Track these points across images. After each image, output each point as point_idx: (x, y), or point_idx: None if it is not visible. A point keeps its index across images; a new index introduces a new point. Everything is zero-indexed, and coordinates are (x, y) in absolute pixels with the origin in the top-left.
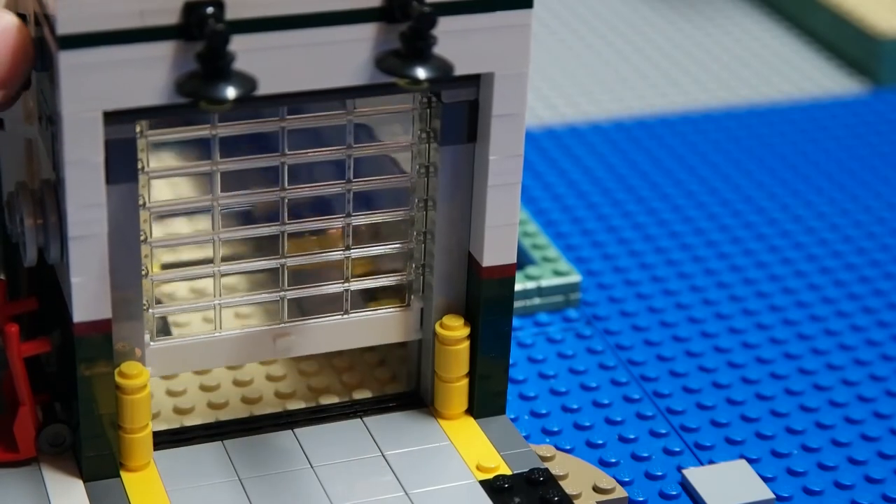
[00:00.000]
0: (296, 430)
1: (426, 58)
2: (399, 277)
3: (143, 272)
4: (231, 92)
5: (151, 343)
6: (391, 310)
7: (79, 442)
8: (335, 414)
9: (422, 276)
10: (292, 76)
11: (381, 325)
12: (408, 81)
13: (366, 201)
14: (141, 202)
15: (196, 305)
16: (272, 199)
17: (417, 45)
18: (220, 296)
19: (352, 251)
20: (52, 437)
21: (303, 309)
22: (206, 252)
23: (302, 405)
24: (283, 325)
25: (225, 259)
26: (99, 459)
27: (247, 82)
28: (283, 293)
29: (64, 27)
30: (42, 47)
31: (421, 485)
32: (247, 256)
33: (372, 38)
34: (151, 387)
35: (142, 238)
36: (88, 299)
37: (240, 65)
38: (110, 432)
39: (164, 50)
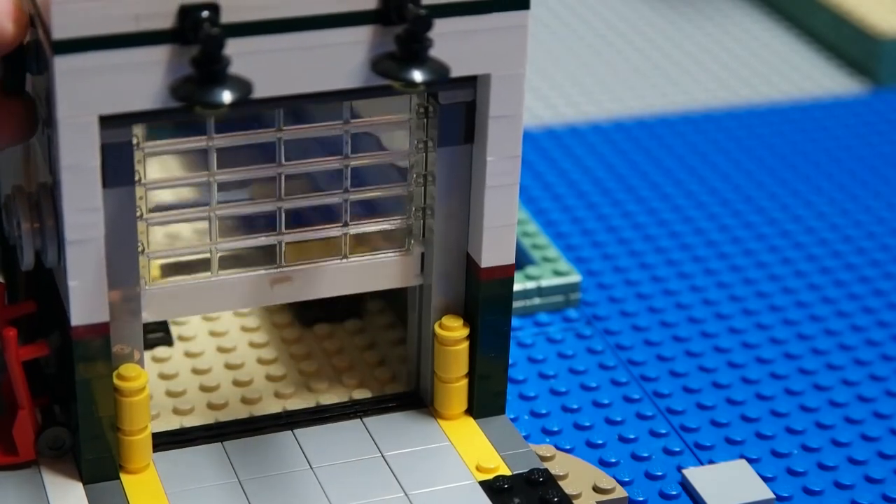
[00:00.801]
0: (296, 431)
1: (422, 60)
2: (398, 222)
3: (138, 213)
4: (226, 96)
5: (147, 287)
6: (391, 254)
7: (78, 444)
8: (335, 414)
9: (422, 220)
10: (288, 79)
11: (380, 270)
12: (403, 84)
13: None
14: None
15: (192, 250)
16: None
17: (413, 47)
18: (217, 239)
19: (350, 193)
20: (52, 439)
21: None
22: (202, 197)
23: (302, 405)
24: (281, 269)
25: (221, 209)
26: (98, 462)
27: (242, 86)
28: (280, 237)
29: (59, 32)
30: (37, 51)
31: (421, 485)
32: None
33: (367, 41)
34: (150, 388)
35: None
36: (86, 303)
37: (235, 68)
38: (109, 435)
39: (159, 54)
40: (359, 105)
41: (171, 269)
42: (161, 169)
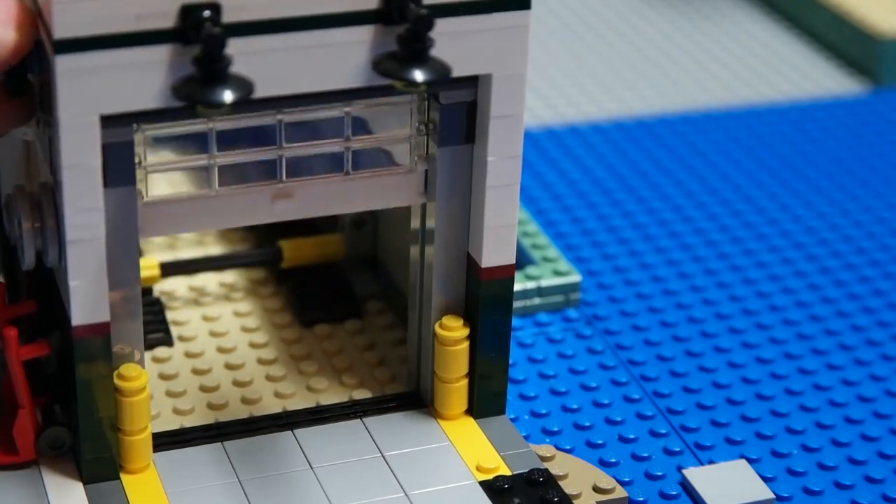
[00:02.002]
0: (295, 431)
1: (423, 60)
2: (402, 140)
3: (134, 128)
4: (228, 96)
5: (144, 200)
6: (394, 171)
7: (78, 444)
8: (335, 414)
9: (425, 136)
10: (289, 79)
11: (383, 188)
12: (405, 84)
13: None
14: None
15: (190, 164)
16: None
17: (415, 47)
18: (215, 153)
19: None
20: (52, 439)
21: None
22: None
23: (302, 406)
24: (281, 184)
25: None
26: (98, 462)
27: (244, 86)
28: (281, 151)
29: (60, 31)
30: (39, 50)
31: (421, 485)
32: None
33: (369, 41)
34: (151, 388)
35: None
36: (87, 303)
37: (237, 68)
38: (110, 434)
39: (160, 54)
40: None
41: (168, 183)
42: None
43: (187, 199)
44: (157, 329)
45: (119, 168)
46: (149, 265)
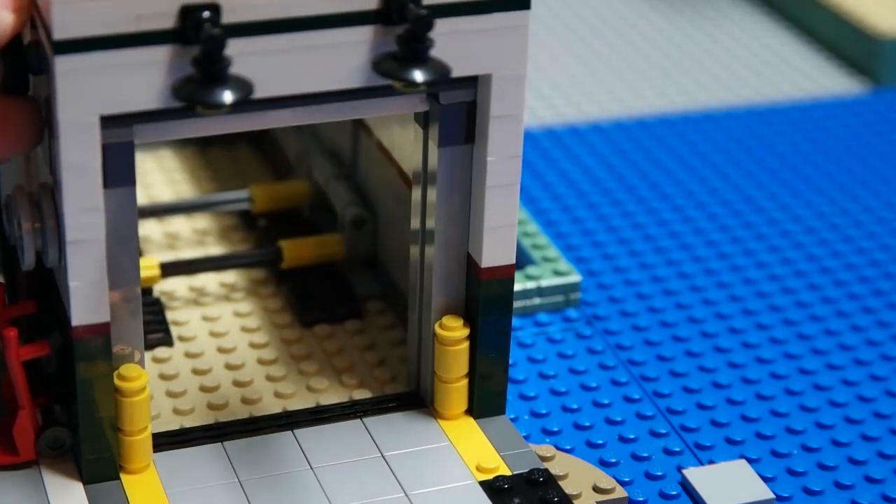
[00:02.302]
0: (296, 431)
1: (423, 60)
2: None
3: None
4: (228, 96)
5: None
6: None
7: (78, 444)
8: (335, 415)
9: None
10: (289, 79)
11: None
12: (405, 84)
13: None
14: None
15: None
16: None
17: (414, 47)
18: None
19: None
20: (52, 439)
21: None
22: None
23: (302, 406)
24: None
25: None
26: (99, 462)
27: (243, 86)
28: None
29: (60, 32)
30: (38, 51)
31: (421, 485)
32: None
33: (368, 41)
34: (151, 388)
35: None
36: (87, 303)
37: (236, 68)
38: (110, 435)
39: (160, 54)
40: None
41: None
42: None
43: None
44: (157, 329)
45: (119, 168)
46: (149, 265)
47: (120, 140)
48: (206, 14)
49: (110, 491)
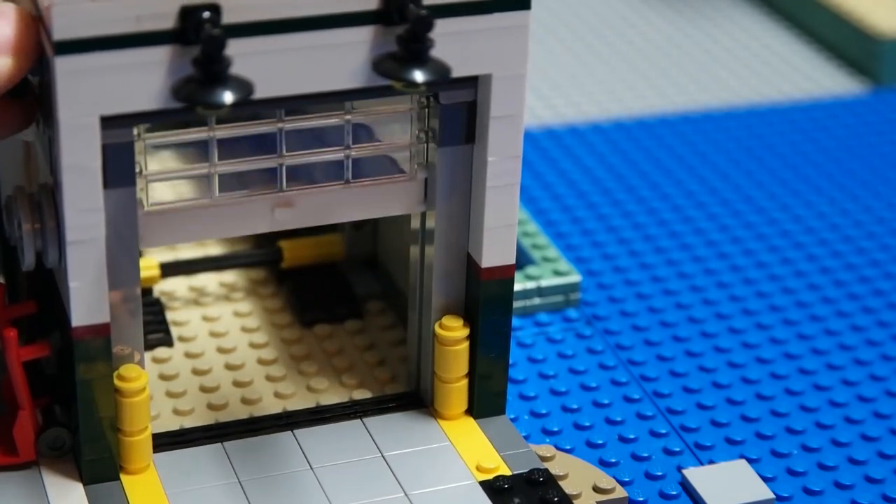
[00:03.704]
0: (296, 431)
1: (423, 61)
2: (402, 147)
3: (136, 136)
4: (228, 97)
5: (145, 209)
6: (394, 179)
7: (78, 445)
8: (335, 415)
9: (425, 144)
10: (289, 79)
11: (383, 196)
12: (405, 85)
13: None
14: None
15: (190, 172)
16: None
17: (415, 47)
18: (216, 161)
19: (353, 114)
20: (52, 440)
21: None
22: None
23: (302, 406)
24: (282, 193)
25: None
26: (99, 462)
27: (243, 86)
28: (281, 160)
29: (60, 33)
30: (39, 52)
31: (421, 485)
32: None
33: (369, 41)
34: (151, 389)
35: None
36: (87, 303)
37: (236, 69)
38: (110, 435)
39: (160, 55)
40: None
41: (169, 191)
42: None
43: (188, 207)
44: (157, 329)
45: (119, 169)
46: (149, 265)
47: (120, 140)
48: (207, 14)
49: (110, 491)
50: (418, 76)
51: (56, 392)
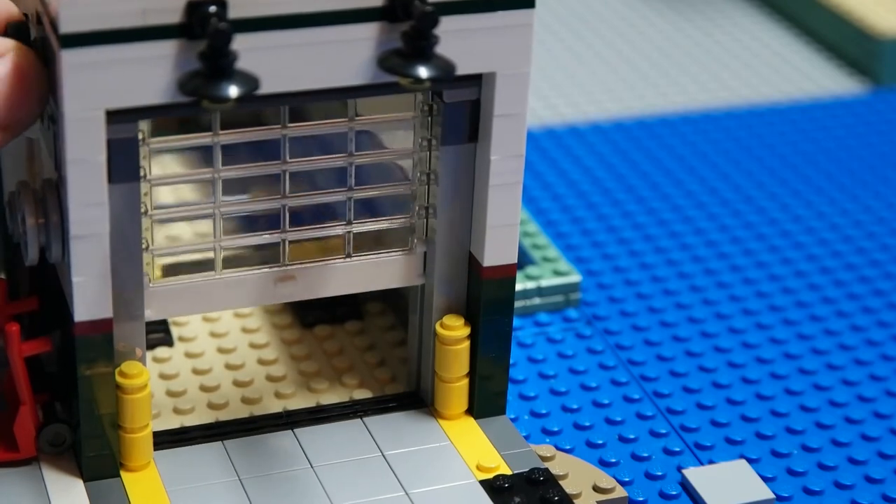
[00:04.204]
0: (296, 431)
1: (428, 57)
2: (402, 221)
3: (143, 209)
4: (233, 91)
5: (150, 285)
6: (394, 253)
7: (79, 442)
8: (335, 414)
9: (425, 219)
10: (294, 75)
11: (383, 269)
12: (410, 81)
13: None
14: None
15: (196, 247)
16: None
17: (419, 44)
18: (221, 237)
19: (353, 192)
20: (53, 436)
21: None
22: (207, 195)
23: (302, 405)
24: (284, 268)
25: (225, 206)
26: (99, 459)
27: (249, 81)
28: (284, 235)
29: (66, 26)
30: (44, 46)
31: (421, 485)
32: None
33: (374, 38)
34: (151, 387)
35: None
36: (89, 299)
37: (242, 64)
38: (110, 432)
39: (166, 49)
40: (363, 104)
41: (174, 269)
42: (166, 167)
43: (193, 284)
44: (157, 329)
45: (124, 164)
46: None
47: (125, 135)
48: (213, 9)
49: (111, 488)
50: (423, 72)
51: (57, 388)
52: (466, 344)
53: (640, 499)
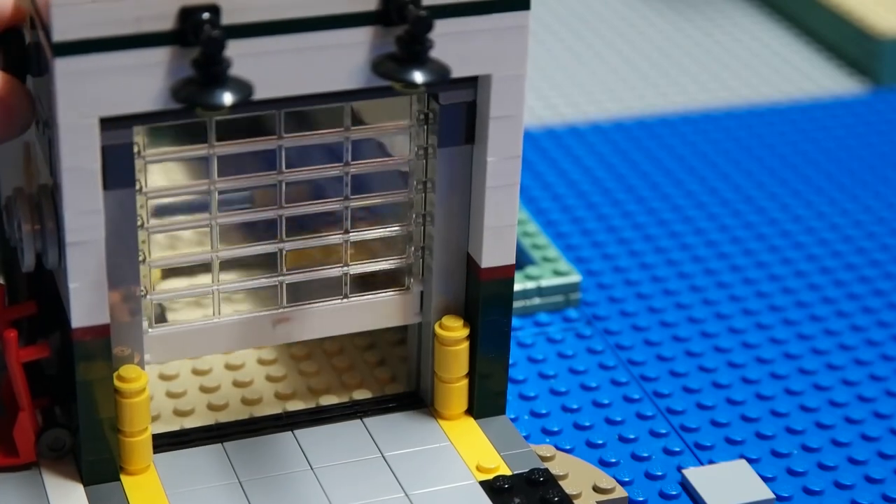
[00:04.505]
0: (296, 432)
1: (423, 61)
2: (398, 261)
3: (141, 258)
4: (227, 98)
5: (150, 330)
6: (390, 293)
7: (79, 446)
8: (335, 415)
9: (421, 259)
10: (289, 81)
11: (380, 309)
12: (404, 85)
13: (365, 187)
14: (138, 187)
15: (194, 291)
16: (269, 184)
17: (414, 48)
18: (218, 281)
19: (350, 235)
20: (52, 441)
21: (301, 295)
22: (205, 241)
23: (302, 406)
24: (282, 310)
25: (223, 247)
26: (99, 463)
27: (243, 87)
28: (281, 278)
29: (60, 34)
30: (38, 53)
31: (421, 485)
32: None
33: (368, 42)
34: (151, 389)
35: (139, 223)
36: (87, 304)
37: (236, 70)
38: (110, 436)
39: (160, 56)
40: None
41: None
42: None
43: (192, 327)
44: None
45: (118, 170)
46: None
47: (119, 142)
48: (206, 15)
49: (111, 492)
50: (418, 77)
51: (56, 393)
52: (466, 344)
53: (640, 499)
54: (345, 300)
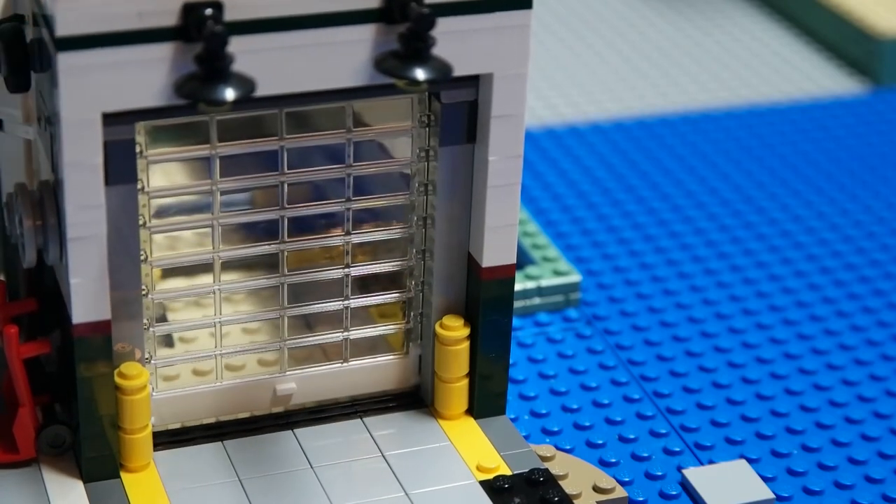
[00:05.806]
0: (296, 431)
1: (425, 59)
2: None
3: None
4: (230, 93)
5: (154, 393)
6: (390, 357)
7: (79, 443)
8: (335, 414)
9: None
10: (291, 77)
11: (379, 374)
12: (406, 83)
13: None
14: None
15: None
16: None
17: (416, 46)
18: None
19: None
20: (52, 437)
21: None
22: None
23: (302, 405)
24: (283, 374)
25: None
26: (99, 460)
27: (246, 83)
28: (283, 343)
29: (63, 29)
30: (41, 48)
31: (421, 485)
32: (245, 308)
33: (371, 39)
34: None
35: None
36: (88, 300)
37: (238, 66)
38: (110, 433)
39: (162, 51)
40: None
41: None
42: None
43: (196, 392)
44: None
45: (120, 166)
46: None
47: (122, 137)
48: (209, 11)
49: (110, 489)
50: (420, 74)
51: (56, 389)
52: (466, 344)
53: (640, 499)
54: (344, 364)
